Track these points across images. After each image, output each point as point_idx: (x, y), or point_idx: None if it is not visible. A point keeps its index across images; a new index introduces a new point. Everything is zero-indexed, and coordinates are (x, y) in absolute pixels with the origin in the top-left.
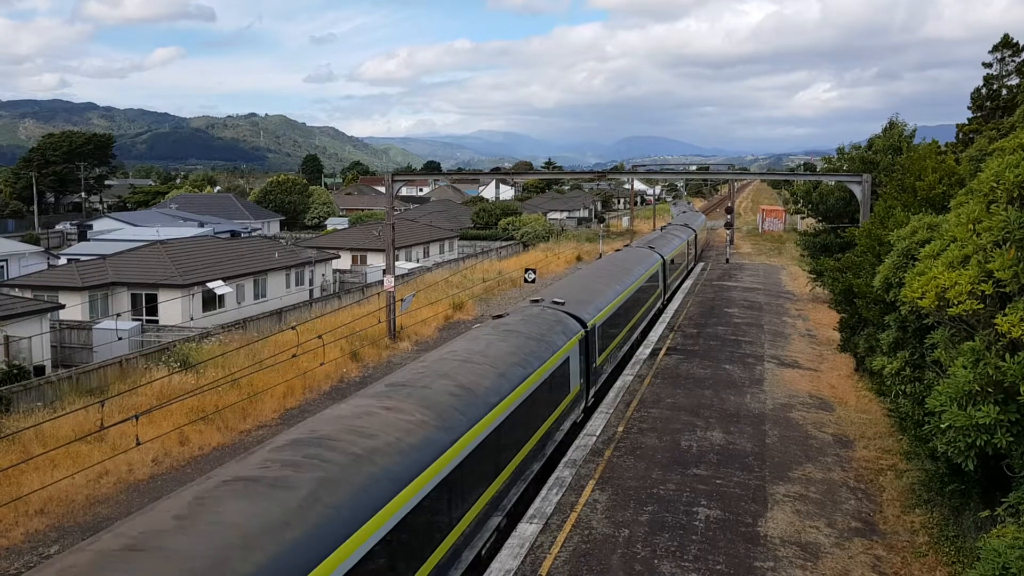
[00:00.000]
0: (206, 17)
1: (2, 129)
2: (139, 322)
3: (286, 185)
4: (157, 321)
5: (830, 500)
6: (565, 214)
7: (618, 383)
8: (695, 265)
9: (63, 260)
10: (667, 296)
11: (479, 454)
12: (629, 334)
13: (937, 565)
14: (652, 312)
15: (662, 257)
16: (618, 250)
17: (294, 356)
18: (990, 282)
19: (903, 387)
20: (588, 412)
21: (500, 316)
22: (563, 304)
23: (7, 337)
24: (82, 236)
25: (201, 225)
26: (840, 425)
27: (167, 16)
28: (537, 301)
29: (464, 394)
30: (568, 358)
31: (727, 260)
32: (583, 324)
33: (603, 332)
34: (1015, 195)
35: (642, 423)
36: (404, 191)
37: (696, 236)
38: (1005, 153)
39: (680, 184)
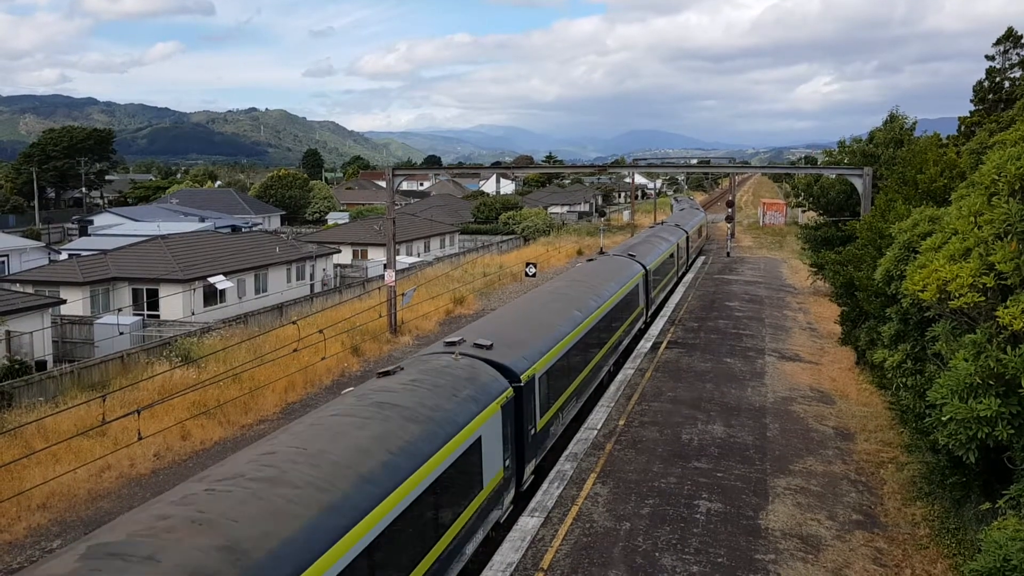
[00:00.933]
0: (205, 11)
1: (2, 124)
2: (140, 317)
3: (287, 180)
4: (158, 316)
5: (831, 493)
6: (566, 208)
7: (619, 376)
8: (689, 267)
9: (64, 255)
10: (650, 313)
11: None
12: (594, 374)
13: (938, 557)
14: (629, 336)
15: (644, 268)
16: (590, 259)
17: (295, 351)
18: (991, 275)
19: (904, 380)
20: (523, 497)
21: (387, 372)
22: (489, 347)
23: (8, 332)
24: (83, 231)
25: (202, 220)
26: (841, 418)
27: (165, 10)
28: (453, 343)
29: (226, 568)
30: (480, 437)
31: (728, 254)
32: (514, 377)
33: (550, 381)
34: (1016, 187)
35: (643, 417)
36: (405, 186)
37: (688, 237)
38: (1007, 146)
39: (681, 178)
